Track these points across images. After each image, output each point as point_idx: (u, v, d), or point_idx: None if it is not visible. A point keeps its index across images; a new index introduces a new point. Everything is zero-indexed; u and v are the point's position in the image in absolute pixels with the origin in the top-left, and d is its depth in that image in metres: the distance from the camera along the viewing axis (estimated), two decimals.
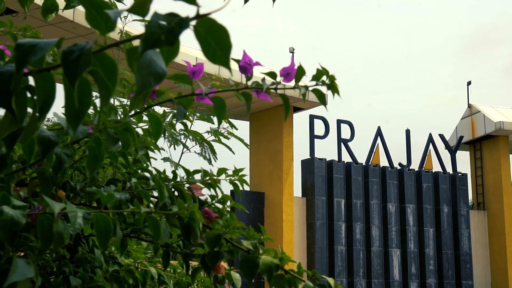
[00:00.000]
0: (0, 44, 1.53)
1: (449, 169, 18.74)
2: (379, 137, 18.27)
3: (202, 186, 1.39)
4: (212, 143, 3.59)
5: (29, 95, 0.79)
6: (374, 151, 18.25)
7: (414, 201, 18.26)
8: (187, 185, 1.40)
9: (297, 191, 17.58)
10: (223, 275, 1.43)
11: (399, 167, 18.43)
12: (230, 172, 1.49)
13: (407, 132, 18.56)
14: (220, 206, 1.42)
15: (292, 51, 18.06)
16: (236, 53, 0.71)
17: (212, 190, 1.44)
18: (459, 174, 18.69)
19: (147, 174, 1.44)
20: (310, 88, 0.98)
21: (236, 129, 3.59)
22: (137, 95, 0.57)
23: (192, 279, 1.44)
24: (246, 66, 0.99)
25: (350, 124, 17.93)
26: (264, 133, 17.11)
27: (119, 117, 0.90)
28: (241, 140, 2.93)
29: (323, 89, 0.98)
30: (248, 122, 17.90)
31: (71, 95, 0.71)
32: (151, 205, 1.28)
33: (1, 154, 0.90)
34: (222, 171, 1.45)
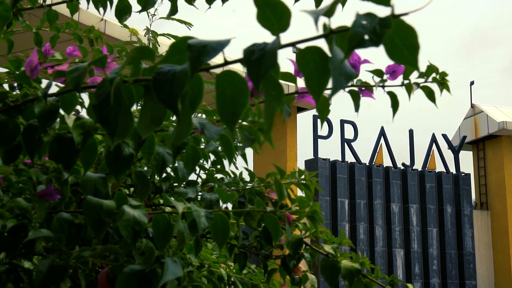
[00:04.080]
0: (71, 46, 1.52)
1: (452, 169, 18.74)
2: (382, 137, 18.27)
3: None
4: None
5: None
6: (377, 151, 18.25)
7: (418, 201, 18.27)
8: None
9: (301, 191, 17.56)
10: (300, 277, 1.42)
11: (402, 167, 18.44)
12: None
13: (410, 132, 18.57)
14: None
15: (295, 51, 18.04)
16: (237, 53, 0.71)
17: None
18: (462, 174, 18.69)
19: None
20: (421, 85, 0.98)
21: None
22: (332, 95, 0.57)
23: (268, 280, 1.44)
24: (356, 64, 0.99)
25: (353, 125, 17.93)
26: None
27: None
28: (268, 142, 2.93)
29: (433, 86, 0.98)
30: None
31: (225, 95, 0.71)
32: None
33: (126, 154, 0.90)
34: (294, 174, 1.45)
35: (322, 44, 0.64)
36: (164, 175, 1.34)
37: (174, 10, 1.45)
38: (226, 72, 0.70)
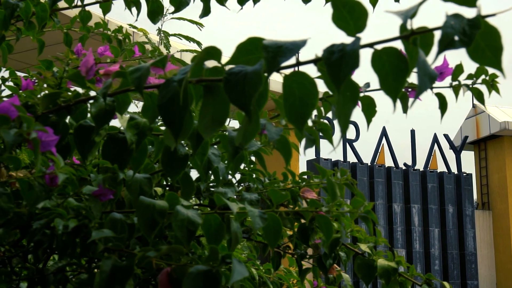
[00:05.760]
0: (102, 46, 1.52)
1: (454, 169, 18.75)
2: (384, 138, 18.28)
3: (313, 190, 1.38)
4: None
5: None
6: (379, 151, 18.25)
7: (419, 201, 18.27)
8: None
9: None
10: (334, 276, 1.42)
11: (404, 167, 18.44)
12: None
13: (412, 132, 18.58)
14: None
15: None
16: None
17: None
18: (464, 174, 18.70)
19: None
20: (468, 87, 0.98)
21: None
22: (417, 95, 0.57)
23: (302, 279, 1.44)
24: None
25: (355, 125, 17.93)
26: None
27: None
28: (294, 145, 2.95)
29: (482, 88, 0.98)
30: None
31: (293, 95, 0.71)
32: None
33: (181, 155, 0.90)
34: (330, 173, 1.45)
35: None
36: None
37: (207, 11, 1.44)
38: (295, 72, 0.70)
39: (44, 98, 0.90)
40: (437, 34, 0.60)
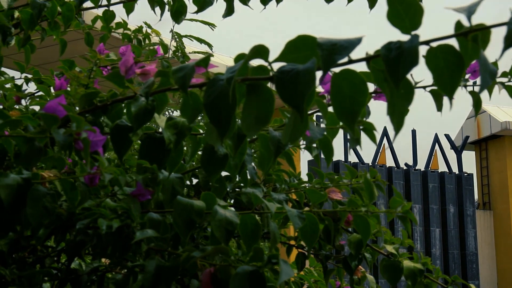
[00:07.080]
0: (124, 46, 1.51)
1: (455, 169, 18.76)
2: (385, 138, 18.29)
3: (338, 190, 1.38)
4: None
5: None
6: (380, 151, 18.26)
7: (420, 201, 18.27)
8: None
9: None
10: (359, 278, 1.42)
11: (405, 167, 18.45)
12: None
13: (413, 132, 18.59)
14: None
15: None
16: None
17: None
18: (465, 174, 18.70)
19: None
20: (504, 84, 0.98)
21: None
22: (480, 92, 0.57)
23: (326, 280, 1.44)
24: None
25: None
26: None
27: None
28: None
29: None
30: None
31: (342, 93, 0.71)
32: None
33: (220, 155, 0.89)
34: (360, 173, 1.44)
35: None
36: (228, 174, 1.33)
37: (230, 10, 1.44)
38: (344, 70, 0.70)
39: (82, 97, 0.90)
40: (495, 32, 0.60)
